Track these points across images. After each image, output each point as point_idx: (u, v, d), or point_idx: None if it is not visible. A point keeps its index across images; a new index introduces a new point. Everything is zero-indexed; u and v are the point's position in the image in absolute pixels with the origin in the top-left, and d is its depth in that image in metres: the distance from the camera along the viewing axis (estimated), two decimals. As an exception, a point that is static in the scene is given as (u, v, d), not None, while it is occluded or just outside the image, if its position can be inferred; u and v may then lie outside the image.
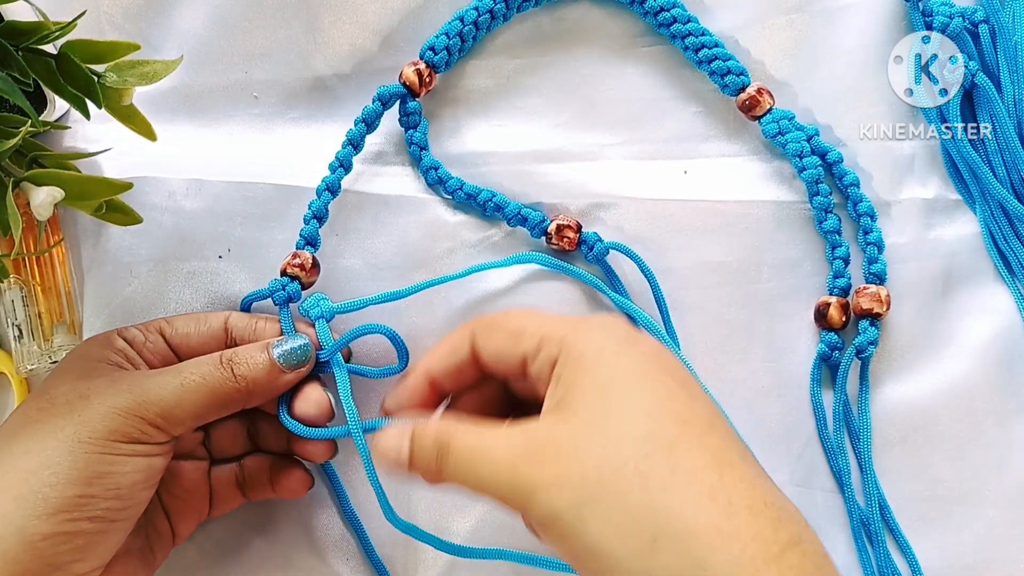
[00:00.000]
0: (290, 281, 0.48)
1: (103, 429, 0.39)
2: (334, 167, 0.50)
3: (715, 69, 0.51)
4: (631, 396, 0.35)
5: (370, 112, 0.50)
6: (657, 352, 0.37)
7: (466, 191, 0.50)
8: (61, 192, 0.39)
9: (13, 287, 0.49)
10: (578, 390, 0.36)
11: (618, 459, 0.33)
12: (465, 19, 0.50)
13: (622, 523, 0.32)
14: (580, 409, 0.35)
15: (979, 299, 0.51)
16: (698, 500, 0.32)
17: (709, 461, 0.33)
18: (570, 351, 0.37)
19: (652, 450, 0.33)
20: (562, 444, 0.34)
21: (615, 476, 0.33)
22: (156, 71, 0.40)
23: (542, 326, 0.38)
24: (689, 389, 0.36)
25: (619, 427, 0.34)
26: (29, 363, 0.49)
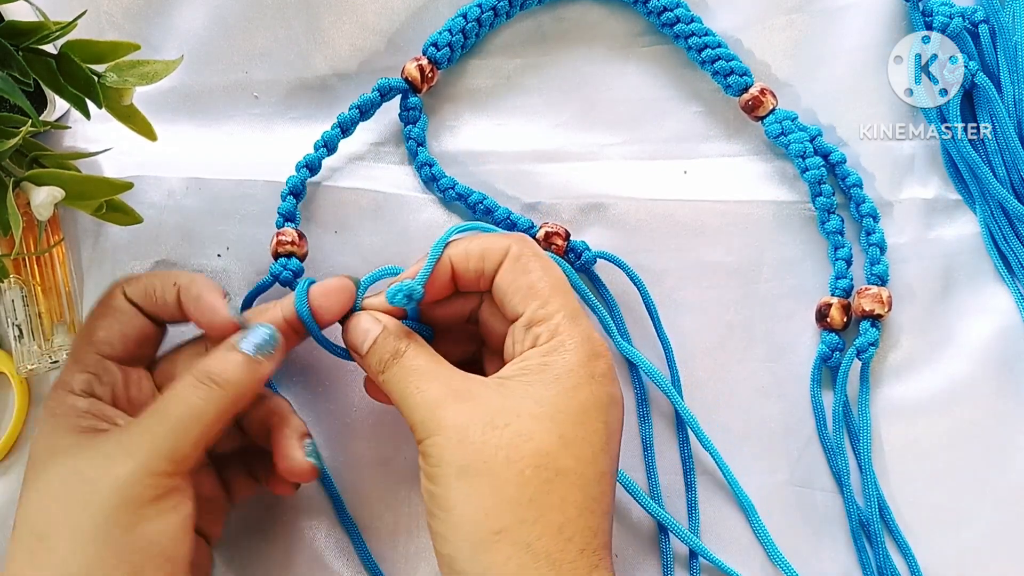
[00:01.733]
0: (288, 259, 0.48)
1: (124, 506, 0.38)
2: (318, 146, 0.50)
3: (718, 69, 0.51)
4: (561, 417, 0.38)
5: (366, 100, 0.50)
6: (609, 400, 0.40)
7: (457, 191, 0.50)
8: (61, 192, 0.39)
9: (13, 287, 0.49)
10: (529, 384, 0.39)
11: (515, 453, 0.37)
12: (468, 16, 0.50)
13: (484, 502, 0.37)
14: (519, 398, 0.38)
15: (979, 299, 0.50)
16: (549, 524, 0.37)
17: (578, 499, 0.37)
18: (552, 351, 0.39)
19: (544, 465, 0.37)
20: (485, 411, 0.38)
21: (504, 465, 0.37)
22: (156, 71, 0.40)
23: (555, 310, 0.40)
24: (609, 442, 0.39)
25: (532, 432, 0.37)
26: (29, 363, 0.49)
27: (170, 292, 0.43)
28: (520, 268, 0.41)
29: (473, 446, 0.37)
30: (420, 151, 0.51)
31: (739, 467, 0.49)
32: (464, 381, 0.40)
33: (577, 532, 0.37)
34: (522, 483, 0.37)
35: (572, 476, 0.37)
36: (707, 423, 0.49)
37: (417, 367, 0.40)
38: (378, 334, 0.42)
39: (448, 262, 0.42)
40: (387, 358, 0.41)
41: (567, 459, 0.37)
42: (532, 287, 0.41)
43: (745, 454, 0.49)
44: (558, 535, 0.36)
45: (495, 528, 0.36)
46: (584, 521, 0.37)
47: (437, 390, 0.39)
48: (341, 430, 0.50)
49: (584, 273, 0.50)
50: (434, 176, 0.50)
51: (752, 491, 0.49)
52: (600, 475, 0.38)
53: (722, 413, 0.50)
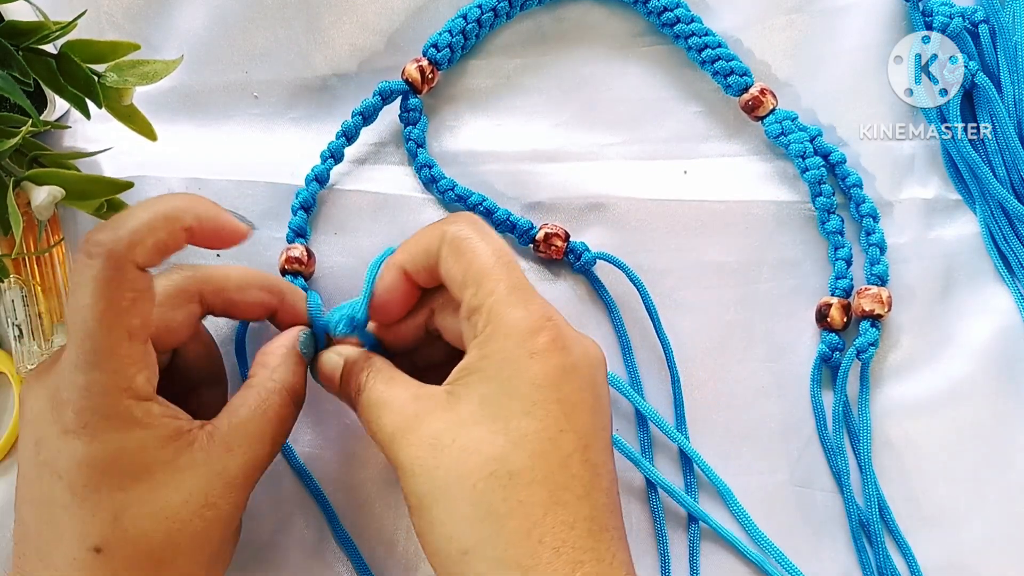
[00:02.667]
0: (293, 278, 0.48)
1: (239, 521, 0.40)
2: (324, 157, 0.50)
3: (718, 69, 0.51)
4: (504, 415, 0.36)
5: (368, 106, 0.50)
6: (562, 370, 0.37)
7: (457, 193, 0.50)
8: (62, 191, 0.39)
9: (13, 287, 0.49)
10: (471, 385, 0.37)
11: (465, 469, 0.35)
12: (468, 16, 0.50)
13: (447, 526, 0.35)
14: (463, 404, 0.37)
15: (979, 299, 0.50)
16: (514, 532, 0.35)
17: (541, 497, 0.35)
18: (488, 339, 0.37)
19: (494, 472, 0.35)
20: (431, 434, 0.36)
21: (456, 484, 0.35)
22: (156, 71, 0.40)
23: (488, 292, 0.37)
24: (570, 417, 0.36)
25: (478, 440, 0.36)
26: (29, 363, 0.49)
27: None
28: (455, 251, 0.38)
29: (426, 474, 0.36)
30: (420, 152, 0.51)
31: (739, 467, 0.49)
32: (415, 402, 0.38)
33: (547, 532, 0.35)
34: (476, 499, 0.35)
35: (529, 474, 0.35)
36: (707, 423, 0.49)
37: (374, 400, 0.39)
38: (341, 370, 0.41)
39: (401, 273, 0.41)
40: (353, 394, 0.40)
41: (519, 458, 0.35)
42: (467, 271, 0.38)
43: (745, 454, 0.49)
44: (526, 540, 0.35)
45: (461, 549, 0.35)
46: (553, 517, 0.35)
47: (390, 423, 0.38)
48: (342, 430, 0.50)
49: (584, 274, 0.50)
50: (434, 177, 0.50)
51: (752, 491, 0.49)
52: (564, 459, 0.36)
53: (722, 413, 0.50)
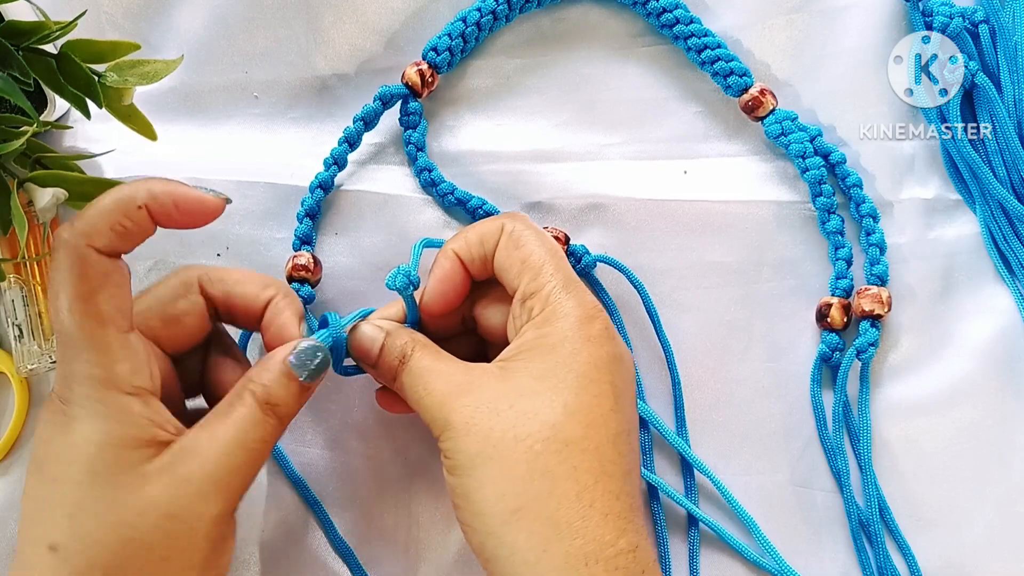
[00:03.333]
0: (300, 285, 0.49)
1: (210, 543, 0.38)
2: (328, 164, 0.50)
3: (718, 70, 0.51)
4: (563, 388, 0.38)
5: (370, 111, 0.50)
6: (612, 358, 0.40)
7: (457, 196, 0.50)
8: (65, 193, 0.39)
9: (13, 287, 0.49)
10: (527, 360, 0.39)
11: (522, 431, 0.37)
12: (468, 20, 0.50)
13: (499, 484, 0.37)
14: (518, 377, 0.39)
15: (979, 299, 0.50)
16: (565, 494, 0.36)
17: (592, 466, 0.37)
18: (543, 322, 0.40)
19: (551, 437, 0.37)
20: (487, 398, 0.38)
21: (512, 445, 0.37)
22: (157, 71, 0.40)
23: (546, 280, 0.41)
24: (618, 400, 0.39)
25: (537, 407, 0.38)
26: (30, 363, 0.49)
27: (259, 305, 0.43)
28: (513, 243, 0.42)
29: (481, 434, 0.38)
30: (420, 156, 0.51)
31: (739, 467, 0.49)
32: (466, 373, 0.40)
33: (597, 498, 0.37)
34: (532, 459, 0.37)
35: (582, 443, 0.37)
36: (707, 423, 0.50)
37: (423, 367, 0.41)
38: (383, 340, 0.42)
39: (454, 257, 0.43)
40: (395, 364, 0.41)
41: (574, 427, 0.37)
42: (525, 260, 0.41)
43: (745, 454, 0.49)
44: (576, 503, 0.36)
45: (513, 507, 0.36)
46: (602, 486, 0.37)
47: (442, 387, 0.39)
48: (341, 430, 0.50)
49: (584, 277, 0.50)
50: (433, 181, 0.50)
51: (752, 491, 0.49)
52: (613, 437, 0.38)
53: (722, 413, 0.50)
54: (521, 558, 0.36)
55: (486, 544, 0.37)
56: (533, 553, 0.36)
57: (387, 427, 0.49)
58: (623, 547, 0.36)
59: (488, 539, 0.37)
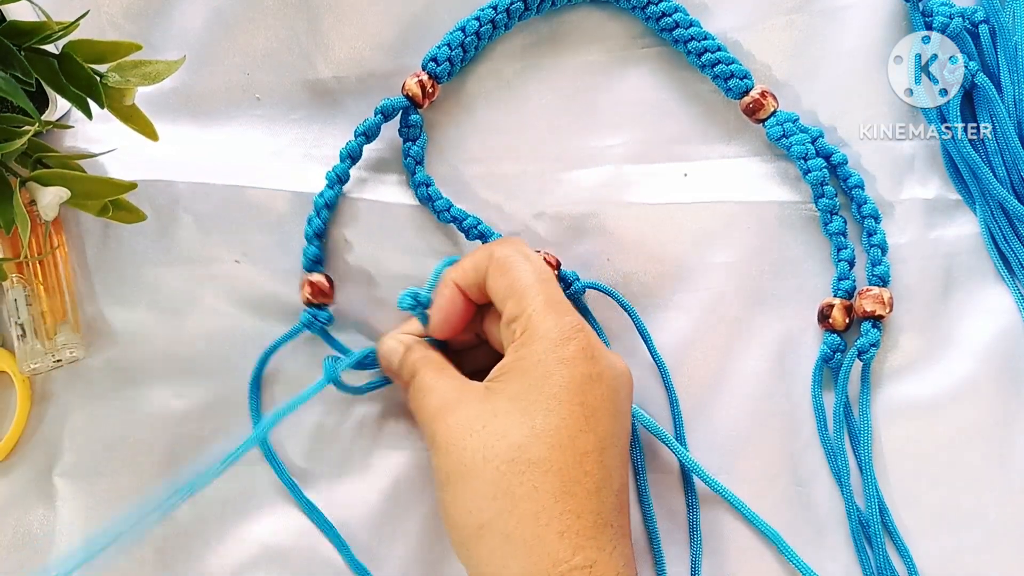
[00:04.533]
0: (319, 310, 0.49)
1: None
2: (332, 181, 0.50)
3: (718, 73, 0.51)
4: (532, 410, 0.40)
5: (371, 125, 0.50)
6: (586, 378, 0.41)
7: (453, 214, 0.50)
8: (67, 192, 0.39)
9: (16, 286, 0.49)
10: (505, 382, 0.41)
11: (490, 453, 0.39)
12: (467, 29, 0.50)
13: (467, 502, 0.40)
14: (496, 398, 0.41)
15: (979, 299, 0.50)
16: (524, 513, 0.38)
17: (553, 486, 0.39)
18: (523, 344, 0.42)
19: (516, 459, 0.39)
20: (467, 418, 0.41)
21: (481, 465, 0.39)
22: (158, 71, 0.40)
23: (527, 304, 0.42)
24: (589, 420, 0.40)
25: (505, 428, 0.40)
26: (32, 362, 0.49)
27: None
28: (500, 270, 0.43)
29: (456, 453, 0.40)
30: (418, 170, 0.50)
31: (739, 467, 0.49)
32: (458, 391, 0.42)
33: (554, 517, 0.38)
34: (497, 479, 0.39)
35: (544, 464, 0.39)
36: (708, 423, 0.50)
37: (424, 386, 0.43)
38: (402, 353, 0.45)
39: (453, 285, 0.45)
40: (407, 378, 0.45)
41: (539, 449, 0.39)
42: (511, 285, 0.43)
43: (746, 454, 0.49)
44: (534, 522, 0.38)
45: (478, 523, 0.39)
46: (562, 505, 0.39)
47: (434, 404, 0.42)
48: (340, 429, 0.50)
49: (574, 303, 0.49)
50: (430, 196, 0.50)
51: (753, 491, 0.49)
52: (580, 456, 0.40)
53: (722, 413, 0.50)
54: (486, 571, 0.39)
55: (460, 554, 0.41)
56: (493, 568, 0.39)
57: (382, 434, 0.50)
58: (577, 563, 0.38)
59: (460, 550, 0.41)
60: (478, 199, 0.51)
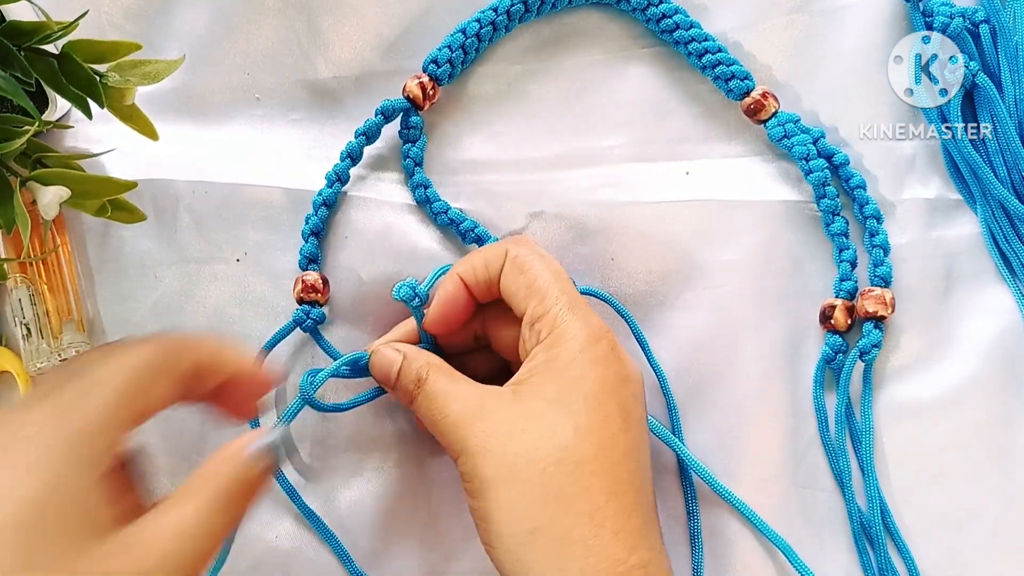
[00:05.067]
0: (311, 308, 0.49)
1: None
2: (331, 180, 0.50)
3: (719, 74, 0.51)
4: (573, 410, 0.40)
5: (371, 126, 0.50)
6: (620, 379, 0.41)
7: (450, 216, 0.50)
8: (67, 191, 0.39)
9: (20, 286, 0.50)
10: (538, 383, 0.41)
11: (536, 455, 0.38)
12: (467, 31, 0.50)
13: (515, 507, 0.38)
14: (530, 400, 0.40)
15: (980, 299, 0.50)
16: (579, 514, 0.38)
17: (605, 485, 0.39)
18: (553, 343, 0.41)
19: (564, 459, 0.38)
20: (501, 422, 0.40)
21: (527, 468, 0.38)
22: (158, 71, 0.40)
23: (553, 302, 0.42)
24: (627, 420, 0.40)
25: (549, 430, 0.39)
26: (38, 361, 0.49)
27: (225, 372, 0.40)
28: (518, 268, 0.43)
29: (496, 457, 0.39)
30: (417, 171, 0.51)
31: (740, 467, 0.49)
32: (481, 396, 0.41)
33: (608, 516, 0.38)
34: (546, 481, 0.38)
35: (594, 463, 0.39)
36: (709, 423, 0.49)
37: (438, 391, 0.42)
38: (400, 362, 0.43)
39: (458, 280, 0.45)
40: (412, 387, 0.43)
41: (586, 448, 0.39)
42: (531, 285, 0.43)
43: (747, 454, 0.49)
44: (589, 522, 0.38)
45: (529, 528, 0.38)
46: (614, 504, 0.38)
47: (458, 410, 0.41)
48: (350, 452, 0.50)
49: None
50: (428, 198, 0.50)
51: (754, 491, 0.48)
52: (623, 455, 0.40)
53: (724, 413, 0.49)
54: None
55: (505, 563, 0.39)
56: (549, 572, 0.38)
57: (402, 449, 0.50)
58: (634, 563, 0.38)
59: (507, 558, 0.39)
60: (478, 201, 0.51)
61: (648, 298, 0.51)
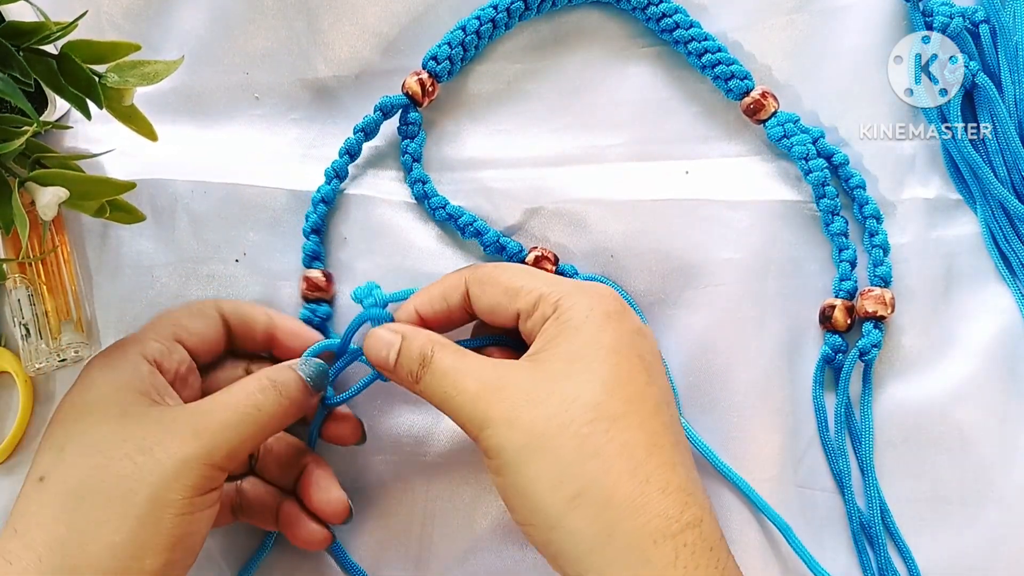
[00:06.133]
0: (317, 305, 0.49)
1: (180, 487, 0.38)
2: (329, 176, 0.50)
3: (719, 74, 0.51)
4: (596, 366, 0.38)
5: (370, 122, 0.50)
6: (635, 332, 0.40)
7: (448, 211, 0.50)
8: (66, 192, 0.39)
9: (19, 286, 0.49)
10: (554, 347, 0.39)
11: (566, 417, 0.37)
12: (467, 28, 0.50)
13: (552, 474, 0.36)
14: (550, 364, 0.39)
15: (980, 299, 0.50)
16: (621, 472, 0.36)
17: (642, 440, 0.37)
18: (561, 313, 0.40)
19: (596, 418, 0.37)
20: (524, 390, 0.38)
21: (558, 432, 0.37)
22: (157, 71, 0.40)
23: (539, 285, 0.41)
24: (650, 372, 0.39)
25: (576, 390, 0.38)
26: (37, 362, 0.49)
27: (260, 320, 0.46)
28: (486, 283, 0.43)
29: (524, 427, 0.37)
30: (415, 167, 0.51)
31: (740, 467, 0.49)
32: (495, 369, 0.40)
33: (652, 472, 0.37)
34: (580, 443, 0.36)
35: (628, 418, 0.37)
36: (709, 423, 0.49)
37: (447, 367, 0.40)
38: (400, 343, 0.42)
39: (413, 313, 0.44)
40: (416, 367, 0.41)
41: (617, 404, 0.37)
42: (508, 289, 0.42)
43: (746, 454, 0.49)
44: (632, 479, 0.36)
45: (570, 494, 0.36)
46: (656, 459, 0.37)
47: (474, 384, 0.39)
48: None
49: None
50: (426, 194, 0.50)
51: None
52: (655, 408, 0.38)
53: (723, 413, 0.49)
54: (587, 546, 0.36)
55: (551, 539, 0.37)
56: (598, 538, 0.36)
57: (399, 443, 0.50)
58: (688, 520, 0.36)
59: (551, 533, 0.37)
60: (477, 199, 0.51)
61: (647, 297, 0.50)
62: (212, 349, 0.46)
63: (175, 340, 0.44)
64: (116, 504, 0.37)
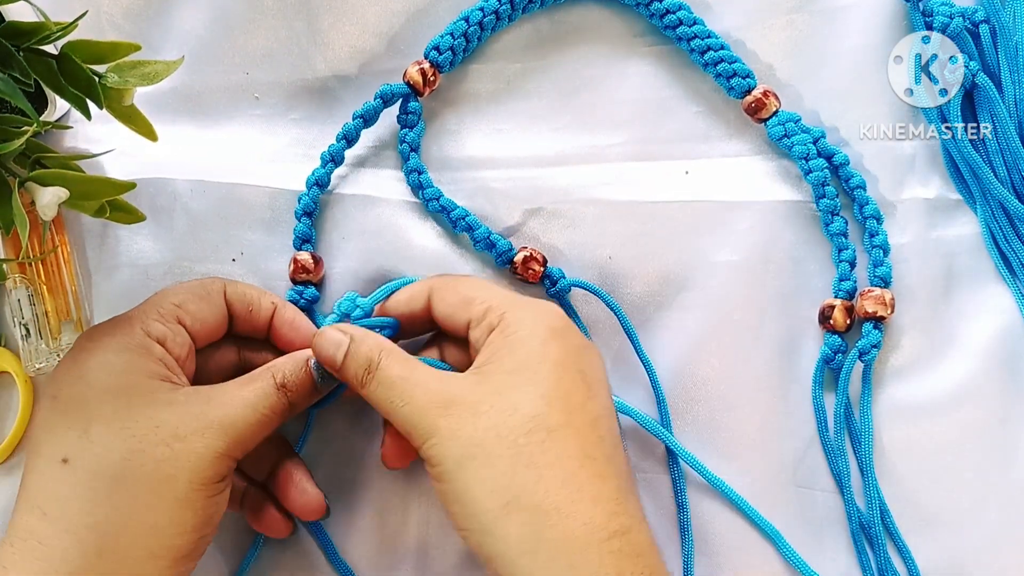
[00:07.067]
0: (304, 288, 0.49)
1: (212, 475, 0.40)
2: (325, 160, 0.50)
3: (721, 72, 0.51)
4: (538, 379, 0.40)
5: (369, 108, 0.50)
6: (579, 348, 0.42)
7: (442, 203, 0.50)
8: (66, 192, 0.39)
9: (19, 286, 0.50)
10: (498, 360, 0.41)
11: (504, 428, 0.38)
12: (470, 19, 0.50)
13: (487, 482, 0.38)
14: (493, 377, 0.40)
15: (980, 299, 0.50)
16: (552, 481, 0.38)
17: (576, 452, 0.38)
18: (506, 326, 0.41)
19: (534, 428, 0.38)
20: (467, 403, 0.39)
21: (496, 442, 0.38)
22: (157, 71, 0.40)
23: (491, 297, 0.43)
24: (591, 387, 0.41)
25: (516, 402, 0.39)
26: (37, 362, 0.49)
27: (265, 308, 0.46)
28: (447, 292, 0.45)
29: (465, 436, 0.39)
30: (412, 156, 0.51)
31: (740, 467, 0.49)
32: (441, 382, 0.41)
33: (584, 482, 0.38)
34: (515, 453, 0.38)
35: (564, 430, 0.39)
36: (708, 423, 0.49)
37: (395, 378, 0.41)
38: (347, 345, 0.43)
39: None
40: (362, 372, 0.42)
41: (555, 415, 0.39)
42: (462, 298, 0.44)
43: (746, 454, 0.49)
44: (563, 489, 0.37)
45: (503, 501, 0.38)
46: (587, 470, 0.38)
47: (422, 396, 0.40)
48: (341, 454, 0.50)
49: (559, 301, 0.50)
50: (421, 184, 0.50)
51: (753, 491, 0.48)
52: (593, 422, 0.40)
53: (723, 413, 0.49)
54: (517, 551, 0.37)
55: (483, 543, 0.38)
56: (528, 543, 0.37)
57: None
58: (615, 529, 0.37)
59: (484, 538, 0.38)
60: (476, 198, 0.51)
61: (646, 297, 0.50)
62: (211, 336, 0.46)
63: (177, 322, 0.44)
64: (157, 487, 0.39)
